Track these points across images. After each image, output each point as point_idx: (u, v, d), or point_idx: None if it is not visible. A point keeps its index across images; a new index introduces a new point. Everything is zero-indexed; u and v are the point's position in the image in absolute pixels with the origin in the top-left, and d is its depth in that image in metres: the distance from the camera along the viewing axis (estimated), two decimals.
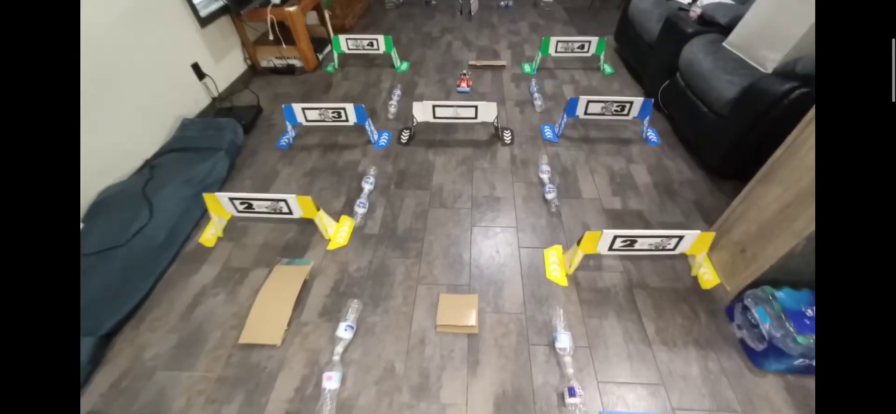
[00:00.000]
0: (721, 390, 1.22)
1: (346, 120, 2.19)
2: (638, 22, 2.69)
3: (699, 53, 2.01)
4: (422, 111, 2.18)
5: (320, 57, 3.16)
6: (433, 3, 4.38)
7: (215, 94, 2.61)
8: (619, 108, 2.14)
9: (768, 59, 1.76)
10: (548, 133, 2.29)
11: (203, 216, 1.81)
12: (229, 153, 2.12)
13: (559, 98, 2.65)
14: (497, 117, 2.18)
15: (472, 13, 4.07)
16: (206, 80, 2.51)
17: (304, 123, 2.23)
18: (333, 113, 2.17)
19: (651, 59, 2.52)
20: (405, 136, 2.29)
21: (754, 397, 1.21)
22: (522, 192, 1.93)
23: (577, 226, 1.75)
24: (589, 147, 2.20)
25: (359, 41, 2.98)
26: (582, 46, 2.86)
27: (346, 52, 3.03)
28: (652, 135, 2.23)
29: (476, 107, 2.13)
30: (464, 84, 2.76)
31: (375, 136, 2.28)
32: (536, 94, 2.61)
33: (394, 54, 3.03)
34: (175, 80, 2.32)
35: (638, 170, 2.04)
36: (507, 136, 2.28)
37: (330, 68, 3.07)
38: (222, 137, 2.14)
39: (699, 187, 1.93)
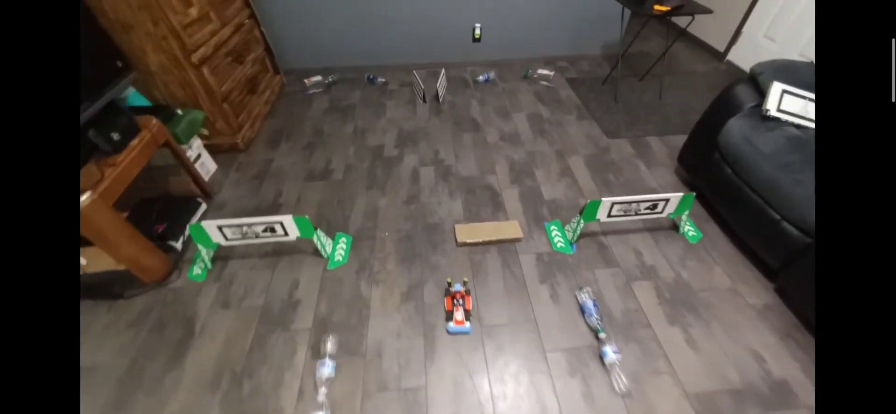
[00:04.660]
0: None
1: None
2: (757, 175, 1.51)
3: None
4: None
5: (179, 246, 1.68)
6: (380, 81, 3.00)
7: None
8: None
9: None
10: None
11: None
12: None
13: (635, 329, 1.41)
14: None
15: (441, 99, 2.75)
16: None
17: None
18: None
19: (809, 259, 1.34)
20: None
21: None
22: None
23: None
24: None
25: (246, 229, 1.55)
26: (653, 206, 1.65)
27: (226, 242, 1.59)
28: None
29: None
30: (459, 313, 1.43)
31: None
32: (603, 338, 1.35)
33: (319, 239, 1.63)
34: None
35: None
36: None
37: (197, 273, 1.62)
38: None
39: None
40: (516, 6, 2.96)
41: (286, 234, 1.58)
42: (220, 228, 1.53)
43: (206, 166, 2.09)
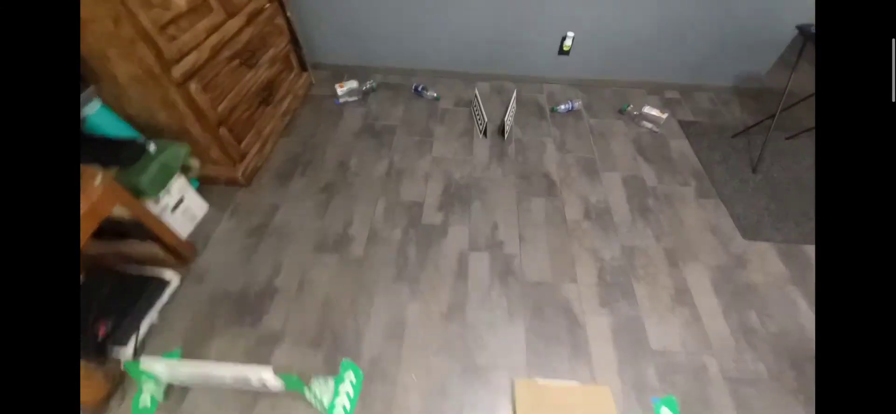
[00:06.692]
0: None
1: None
2: None
3: None
4: None
5: (129, 351, 1.21)
6: (430, 95, 2.34)
7: None
8: None
9: None
10: None
11: None
12: None
13: None
14: None
15: (507, 133, 2.07)
16: None
17: None
18: None
19: None
20: None
21: None
22: None
23: None
24: None
25: (210, 373, 1.03)
26: None
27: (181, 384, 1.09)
28: None
29: None
30: None
31: None
32: None
33: (313, 394, 1.10)
34: None
35: None
36: None
37: (144, 406, 1.14)
38: None
39: None
40: (628, 13, 2.14)
41: (266, 385, 1.05)
42: (168, 368, 1.02)
43: (192, 211, 1.60)
